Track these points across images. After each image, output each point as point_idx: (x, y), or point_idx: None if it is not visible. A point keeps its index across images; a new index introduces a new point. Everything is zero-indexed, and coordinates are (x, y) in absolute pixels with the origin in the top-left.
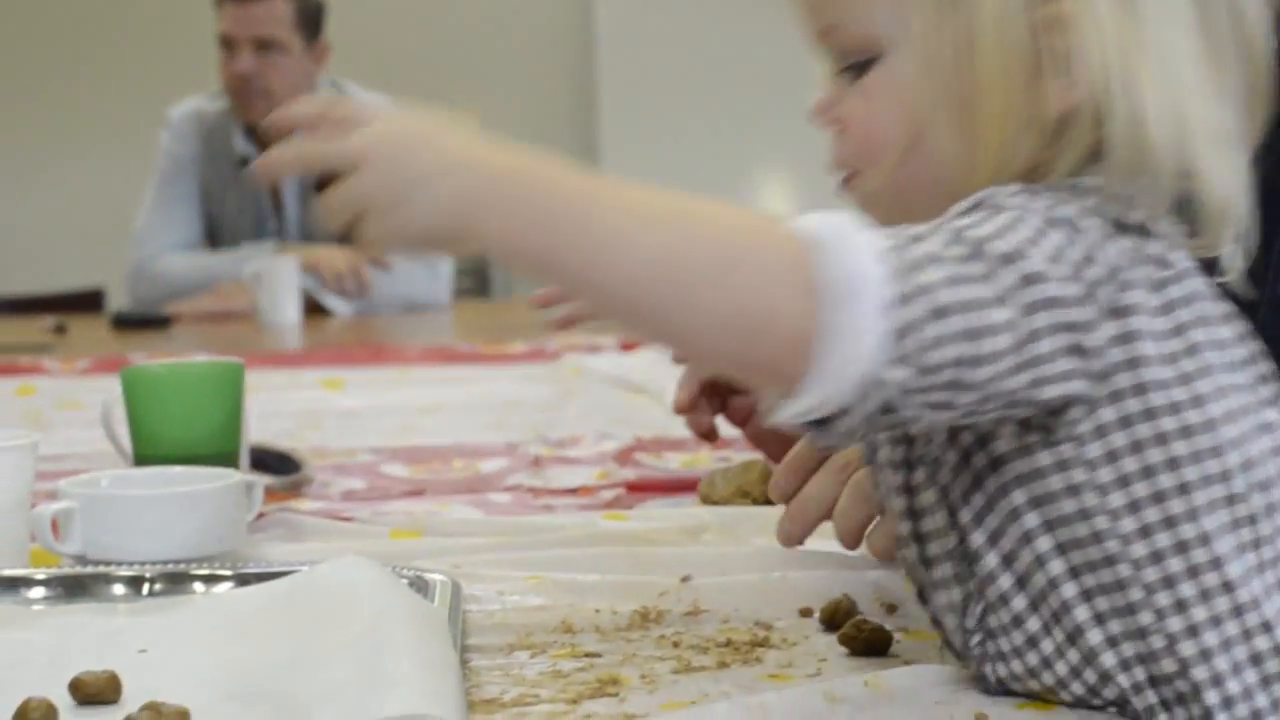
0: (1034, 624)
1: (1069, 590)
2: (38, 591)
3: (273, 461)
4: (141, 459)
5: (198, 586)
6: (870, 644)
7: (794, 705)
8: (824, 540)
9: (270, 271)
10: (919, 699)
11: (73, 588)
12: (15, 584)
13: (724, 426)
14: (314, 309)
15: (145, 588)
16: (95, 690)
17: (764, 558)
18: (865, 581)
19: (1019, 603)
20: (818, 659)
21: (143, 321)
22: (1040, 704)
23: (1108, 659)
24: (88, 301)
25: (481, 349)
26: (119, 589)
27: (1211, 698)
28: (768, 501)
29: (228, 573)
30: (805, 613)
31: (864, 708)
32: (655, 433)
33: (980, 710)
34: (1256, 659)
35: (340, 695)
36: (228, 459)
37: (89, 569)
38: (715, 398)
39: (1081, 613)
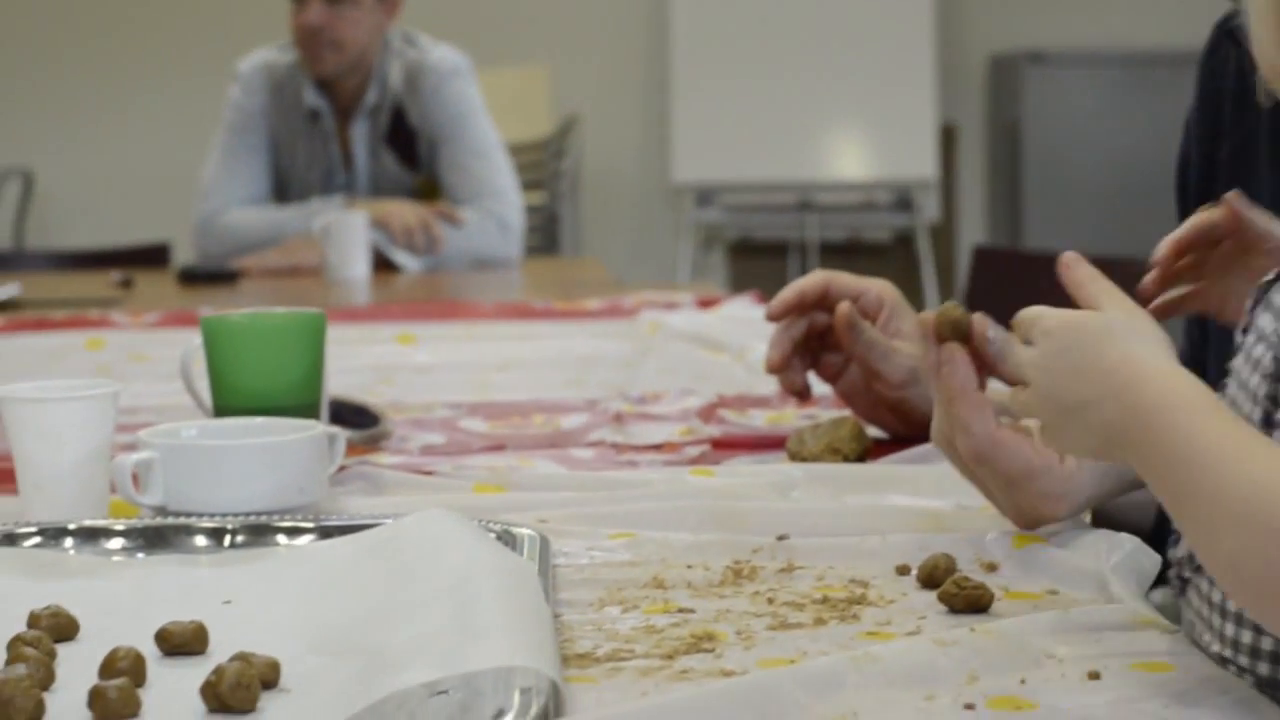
0: None
1: None
2: (117, 542)
3: (350, 415)
4: (221, 410)
5: (280, 539)
6: (971, 602)
7: (903, 653)
8: (921, 498)
9: (339, 226)
10: (1029, 646)
11: (153, 539)
12: (95, 535)
13: (814, 383)
14: (383, 264)
15: (227, 539)
16: (182, 641)
17: (857, 516)
18: (964, 542)
19: None
20: (917, 617)
21: (210, 276)
22: (1151, 664)
23: None
24: (153, 256)
25: (556, 305)
26: (201, 540)
27: None
28: (859, 458)
29: (310, 525)
30: (902, 570)
31: (976, 652)
32: (738, 390)
33: (1093, 669)
34: None
35: (431, 648)
36: (309, 410)
37: (170, 520)
38: (807, 355)
39: None
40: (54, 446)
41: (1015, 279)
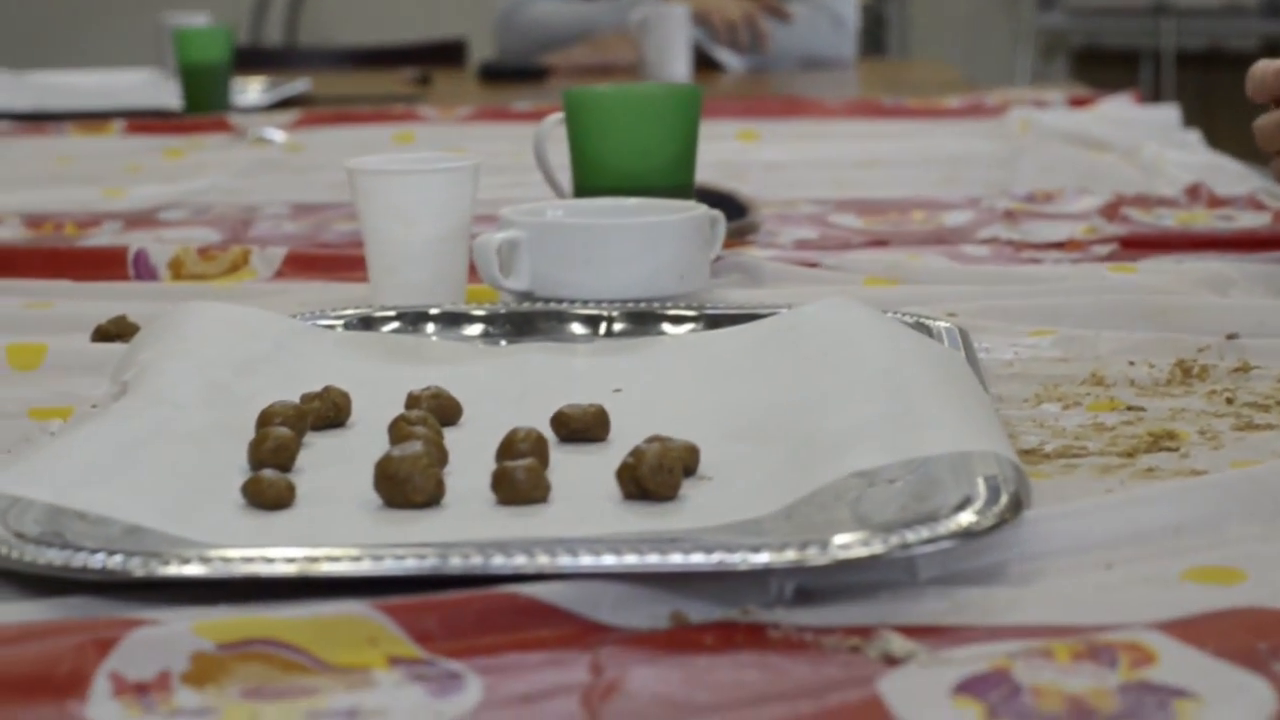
0: None
1: None
2: (479, 328)
3: (714, 204)
4: (584, 191)
5: (665, 327)
6: None
7: None
8: None
9: (657, 21)
10: None
11: (521, 325)
12: (458, 320)
13: None
14: (704, 63)
15: (603, 327)
16: (582, 426)
17: None
18: None
19: None
20: None
21: (514, 73)
22: None
23: None
24: (448, 53)
25: (910, 103)
26: (576, 328)
27: None
28: None
29: (695, 313)
30: None
31: None
32: (1136, 190)
33: None
34: None
35: (869, 435)
36: (682, 193)
37: (540, 305)
38: None
39: None
40: (410, 224)
41: None
